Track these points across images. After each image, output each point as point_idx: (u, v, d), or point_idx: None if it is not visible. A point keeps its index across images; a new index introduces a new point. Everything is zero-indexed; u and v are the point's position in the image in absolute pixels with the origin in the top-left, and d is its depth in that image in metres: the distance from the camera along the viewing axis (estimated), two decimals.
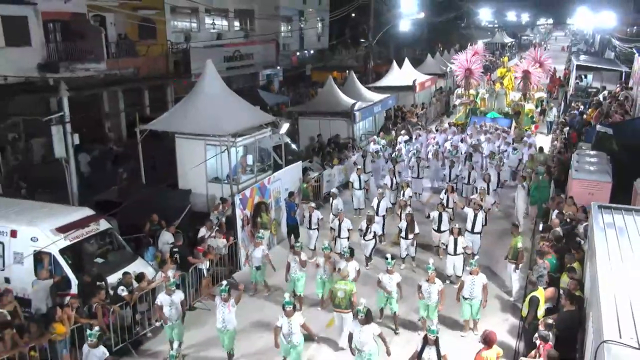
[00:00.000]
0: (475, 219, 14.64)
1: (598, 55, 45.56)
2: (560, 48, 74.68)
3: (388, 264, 11.83)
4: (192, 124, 15.98)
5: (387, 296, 11.83)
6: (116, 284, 11.81)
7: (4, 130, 21.47)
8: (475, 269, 11.46)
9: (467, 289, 11.44)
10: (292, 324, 10.01)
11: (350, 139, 25.11)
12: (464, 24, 69.49)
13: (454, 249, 13.62)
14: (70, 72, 22.94)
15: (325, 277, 12.82)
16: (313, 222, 15.82)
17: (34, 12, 22.72)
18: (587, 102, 30.81)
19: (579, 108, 29.49)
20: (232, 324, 10.65)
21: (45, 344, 10.31)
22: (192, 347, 11.77)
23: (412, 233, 14.72)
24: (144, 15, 28.49)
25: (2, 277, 12.24)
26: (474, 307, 11.57)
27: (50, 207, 13.63)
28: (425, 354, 8.81)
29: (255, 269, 13.60)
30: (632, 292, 7.32)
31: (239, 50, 33.63)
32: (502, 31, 74.88)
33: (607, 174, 15.51)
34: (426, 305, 11.56)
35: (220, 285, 10.89)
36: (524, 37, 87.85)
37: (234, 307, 10.56)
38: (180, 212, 14.98)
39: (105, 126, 26.90)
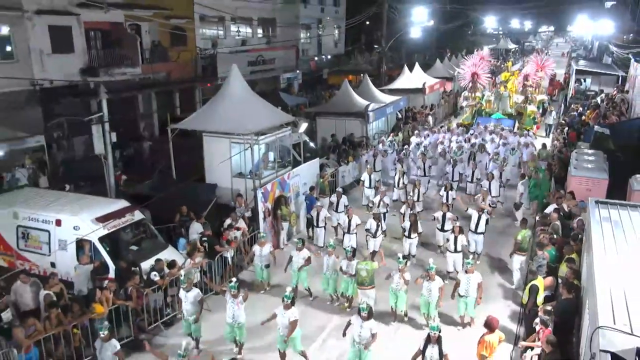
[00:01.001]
0: (478, 220, 14.27)
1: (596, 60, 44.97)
2: (560, 54, 73.50)
3: (400, 263, 11.55)
4: (218, 123, 16.01)
5: (397, 294, 11.57)
6: (149, 269, 11.91)
7: (50, 129, 21.67)
8: (471, 268, 11.19)
9: (463, 286, 11.17)
10: (284, 317, 9.78)
11: (364, 137, 25.05)
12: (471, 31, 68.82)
13: (454, 247, 13.29)
14: (109, 76, 23.19)
15: (329, 273, 12.45)
16: (320, 220, 15.49)
17: (77, 22, 23.05)
18: (585, 104, 30.51)
19: (578, 110, 29.18)
20: (242, 318, 10.45)
21: (86, 322, 10.47)
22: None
23: (416, 232, 14.33)
24: (176, 24, 28.61)
25: (48, 262, 12.44)
26: (469, 304, 11.30)
27: (91, 199, 13.78)
28: (428, 352, 8.57)
29: (264, 267, 13.17)
30: (626, 281, 7.27)
31: (261, 55, 33.69)
32: (507, 38, 73.86)
33: (604, 172, 15.35)
34: (427, 302, 11.30)
35: (230, 282, 10.61)
36: (527, 43, 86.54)
37: (242, 304, 10.37)
38: (207, 205, 15.03)
39: (140, 125, 27.11)
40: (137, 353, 10.71)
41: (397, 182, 18.87)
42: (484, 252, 14.92)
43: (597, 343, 5.97)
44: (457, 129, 27.04)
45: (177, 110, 27.61)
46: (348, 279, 12.13)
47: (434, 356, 8.47)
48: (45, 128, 21.19)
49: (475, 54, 36.86)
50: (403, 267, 11.45)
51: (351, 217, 14.69)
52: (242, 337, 10.71)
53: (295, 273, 12.64)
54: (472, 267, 11.19)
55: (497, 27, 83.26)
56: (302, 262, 12.45)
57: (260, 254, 13.05)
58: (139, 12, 25.35)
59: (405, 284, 11.35)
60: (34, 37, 21.63)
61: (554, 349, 8.55)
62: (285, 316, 9.71)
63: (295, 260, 12.59)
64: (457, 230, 13.26)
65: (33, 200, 13.35)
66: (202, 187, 16.28)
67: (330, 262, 12.36)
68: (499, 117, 29.31)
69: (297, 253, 12.61)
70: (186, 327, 11.03)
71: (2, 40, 21.21)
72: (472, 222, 14.41)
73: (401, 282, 11.36)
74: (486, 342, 9.46)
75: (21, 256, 12.84)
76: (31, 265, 12.66)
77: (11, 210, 12.90)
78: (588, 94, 34.67)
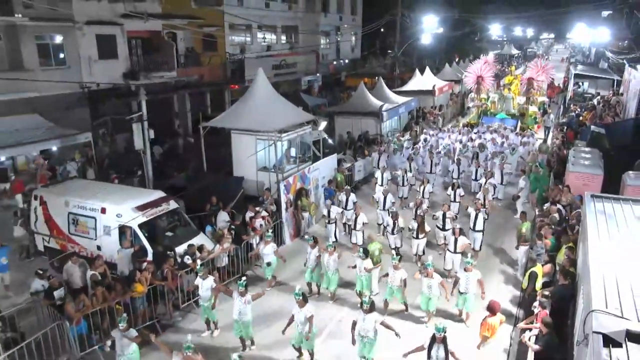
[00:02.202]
0: (476, 219, 13.70)
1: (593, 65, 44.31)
2: (560, 59, 72.23)
3: (393, 259, 10.98)
4: (245, 121, 16.00)
5: (393, 289, 11.03)
6: (182, 253, 11.96)
7: (96, 127, 21.98)
8: (469, 266, 10.56)
9: (462, 284, 10.59)
10: (300, 314, 9.24)
11: (378, 135, 24.98)
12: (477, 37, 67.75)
13: (454, 248, 12.65)
14: (148, 79, 23.44)
15: (330, 272, 11.76)
16: (331, 216, 14.74)
17: (120, 31, 23.38)
18: (583, 106, 30.12)
19: (576, 111, 28.76)
20: (248, 316, 9.86)
21: (128, 299, 10.59)
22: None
23: (423, 232, 13.54)
24: (208, 32, 28.76)
25: (95, 245, 12.57)
26: (467, 301, 10.71)
27: (131, 190, 14.02)
28: (434, 351, 8.12)
29: (266, 265, 12.49)
30: (618, 269, 7.16)
31: (285, 59, 33.72)
32: (510, 44, 72.92)
33: (599, 168, 15.11)
34: (427, 298, 10.78)
35: (239, 280, 10.12)
36: (529, 49, 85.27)
37: (249, 303, 9.76)
38: (235, 196, 15.09)
39: (175, 123, 27.37)
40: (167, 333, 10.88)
41: (402, 180, 18.01)
42: (486, 242, 14.46)
43: (590, 325, 5.90)
44: (462, 129, 26.74)
45: (208, 110, 27.81)
46: (362, 276, 11.48)
47: (439, 355, 8.06)
48: (92, 126, 21.52)
49: (480, 58, 36.45)
50: (397, 264, 10.87)
51: (358, 215, 14.09)
52: (249, 334, 10.14)
53: (309, 270, 12.06)
54: (471, 266, 10.59)
55: (501, 34, 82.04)
56: (314, 261, 11.88)
57: (264, 253, 12.40)
58: (175, 22, 25.53)
59: (401, 283, 10.86)
60: (84, 45, 22.03)
61: (550, 330, 8.49)
62: (302, 313, 9.19)
63: (309, 257, 12.01)
64: (457, 232, 12.60)
65: (82, 190, 13.49)
66: (230, 179, 16.34)
67: (330, 261, 11.67)
68: (502, 117, 29.01)
69: (310, 250, 11.99)
70: (204, 312, 10.73)
71: (56, 48, 21.58)
72: (470, 221, 13.93)
73: (395, 278, 10.85)
74: (488, 324, 9.43)
75: (71, 240, 13.00)
76: (80, 248, 12.81)
77: (63, 199, 13.05)
78: (585, 96, 34.26)
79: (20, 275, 12.81)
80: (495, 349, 9.85)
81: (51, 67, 21.03)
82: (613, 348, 5.48)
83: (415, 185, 18.00)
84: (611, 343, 5.54)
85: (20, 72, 19.20)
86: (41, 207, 13.41)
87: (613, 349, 5.47)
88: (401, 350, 8.93)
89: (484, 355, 9.65)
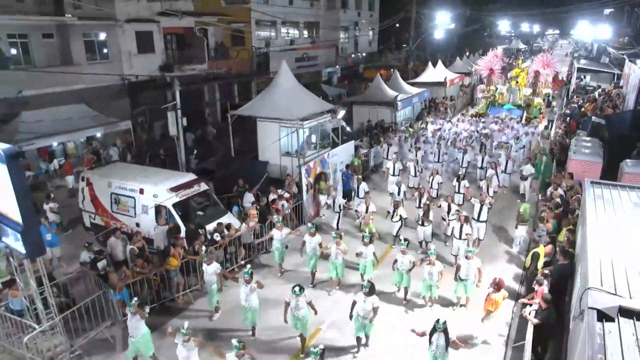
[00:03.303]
0: (481, 209, 13.10)
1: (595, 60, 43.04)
2: (564, 54, 70.12)
3: (402, 245, 10.66)
4: (270, 110, 15.97)
5: (402, 273, 10.69)
6: (212, 231, 12.03)
7: (135, 115, 22.26)
8: (471, 254, 10.22)
9: (463, 271, 10.26)
10: (366, 304, 8.76)
11: (393, 123, 24.78)
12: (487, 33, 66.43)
13: (459, 234, 12.17)
14: (181, 71, 23.61)
15: (336, 261, 11.14)
16: (336, 205, 14.58)
17: (157, 27, 23.53)
18: (585, 98, 29.35)
19: (578, 102, 28.05)
20: (254, 303, 9.41)
21: (163, 271, 10.80)
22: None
23: (427, 220, 13.05)
24: (236, 27, 28.74)
25: (134, 223, 12.77)
26: (468, 287, 10.35)
27: (166, 172, 14.03)
28: (434, 338, 7.94)
29: (284, 249, 12.06)
30: (614, 250, 7.07)
31: (306, 53, 33.53)
32: (518, 39, 71.29)
33: (598, 156, 14.80)
34: (429, 285, 10.44)
35: (245, 269, 9.61)
36: (535, 44, 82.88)
37: (254, 291, 9.32)
38: (260, 179, 15.11)
39: (205, 112, 27.53)
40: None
41: (414, 171, 17.32)
42: (491, 224, 14.19)
43: (586, 301, 5.86)
44: (471, 119, 26.30)
45: (236, 99, 27.90)
46: (364, 262, 11.11)
47: (440, 343, 7.86)
48: (131, 114, 21.80)
49: (490, 52, 35.73)
50: (404, 249, 10.55)
51: (368, 204, 13.52)
52: (255, 319, 9.66)
53: (310, 257, 11.52)
54: (472, 254, 10.26)
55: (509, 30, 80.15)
56: (317, 247, 11.39)
57: (279, 238, 11.92)
58: (206, 19, 25.58)
59: (410, 265, 10.54)
60: (124, 41, 22.24)
61: (549, 306, 8.44)
62: (368, 301, 8.69)
63: (309, 244, 11.43)
64: (463, 219, 12.17)
65: (122, 173, 13.64)
66: (255, 163, 16.35)
67: (336, 250, 11.07)
68: (509, 108, 28.51)
69: (311, 238, 11.43)
70: (210, 296, 10.42)
71: (100, 44, 21.86)
72: (474, 211, 13.29)
73: (405, 263, 10.54)
74: (492, 300, 9.39)
75: (114, 217, 13.21)
76: (121, 224, 13.00)
77: (106, 181, 13.25)
78: (587, 88, 33.50)
79: (71, 248, 13.19)
80: (498, 322, 9.82)
81: (96, 62, 21.35)
82: (606, 322, 5.46)
83: (425, 176, 17.36)
84: (604, 318, 5.51)
85: (70, 66, 19.57)
86: (87, 187, 13.65)
87: (606, 323, 5.44)
88: (401, 337, 8.98)
89: (487, 327, 9.64)
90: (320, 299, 10.55)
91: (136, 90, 22.43)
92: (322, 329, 10.02)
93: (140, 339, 8.42)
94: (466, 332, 9.74)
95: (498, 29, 70.79)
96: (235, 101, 26.66)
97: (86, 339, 9.30)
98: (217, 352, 7.97)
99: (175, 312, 10.71)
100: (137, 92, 22.49)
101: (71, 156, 20.04)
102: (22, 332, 8.97)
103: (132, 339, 8.44)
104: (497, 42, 64.04)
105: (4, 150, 7.09)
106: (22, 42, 19.26)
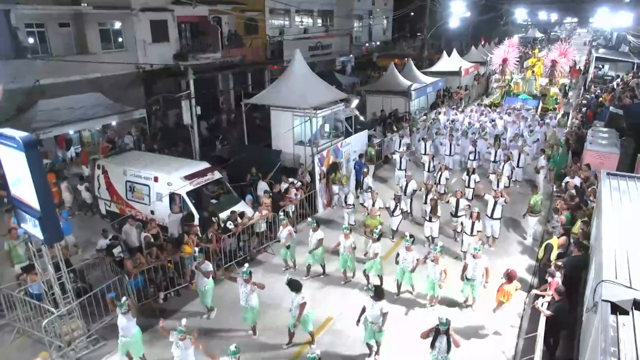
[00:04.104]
0: (494, 206, 12.54)
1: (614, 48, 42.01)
2: (582, 42, 68.53)
3: (407, 241, 10.25)
4: (283, 99, 15.93)
5: (405, 270, 10.33)
6: (225, 219, 12.12)
7: (150, 103, 22.37)
8: (478, 253, 9.76)
9: (470, 270, 9.83)
10: (374, 309, 8.40)
11: (407, 112, 24.59)
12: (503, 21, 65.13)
13: (470, 230, 11.80)
14: (195, 60, 23.60)
15: (346, 254, 10.87)
16: (348, 202, 14.03)
17: (172, 16, 23.55)
18: (602, 88, 28.69)
19: (595, 92, 27.47)
20: (253, 302, 9.05)
21: (177, 258, 10.90)
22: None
23: (435, 216, 12.62)
24: (249, 16, 28.63)
25: (149, 210, 12.92)
26: (475, 287, 9.96)
27: (180, 161, 14.12)
28: (438, 341, 7.57)
29: (285, 248, 11.59)
30: (629, 243, 6.96)
31: (320, 41, 33.38)
32: (534, 28, 69.67)
33: (615, 147, 14.52)
34: (432, 283, 10.06)
35: (243, 268, 9.21)
36: (552, 33, 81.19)
37: (254, 291, 8.96)
38: (273, 167, 15.11)
39: (219, 100, 27.60)
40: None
41: (427, 167, 16.65)
42: (505, 215, 13.52)
43: (600, 294, 5.79)
44: (484, 109, 25.82)
45: (250, 88, 27.90)
46: (371, 260, 10.68)
47: (442, 346, 7.53)
48: (146, 103, 21.92)
49: (506, 41, 35.11)
50: (409, 246, 10.19)
51: (375, 200, 13.01)
52: (255, 319, 9.34)
53: (310, 253, 11.23)
54: (479, 253, 9.79)
55: (526, 18, 78.40)
56: (315, 244, 11.04)
57: (280, 236, 11.62)
58: (220, 7, 25.47)
59: (414, 263, 10.18)
60: (139, 30, 22.30)
61: (562, 297, 8.38)
62: (376, 307, 8.30)
63: (310, 240, 11.18)
64: (475, 215, 11.73)
65: (137, 161, 13.77)
66: (269, 152, 16.38)
67: (347, 244, 10.79)
68: (525, 98, 28.04)
69: (312, 233, 11.13)
70: (203, 296, 10.00)
71: (115, 33, 21.96)
72: (488, 208, 12.71)
73: (408, 260, 10.19)
74: (504, 291, 9.34)
75: (129, 205, 13.38)
76: (136, 212, 13.18)
77: (122, 169, 13.40)
78: (605, 78, 32.79)
79: (87, 234, 13.40)
80: (510, 313, 9.77)
81: (111, 50, 21.45)
82: (620, 315, 5.39)
83: (434, 171, 16.39)
84: (618, 311, 5.44)
85: (85, 55, 19.74)
86: (103, 175, 13.84)
87: (620, 316, 5.38)
88: (405, 337, 8.72)
89: (498, 318, 9.60)
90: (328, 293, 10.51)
91: (151, 78, 22.54)
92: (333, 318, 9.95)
93: (131, 339, 8.18)
94: (477, 323, 9.71)
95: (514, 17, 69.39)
96: (248, 90, 26.64)
97: (102, 324, 9.47)
98: (209, 355, 7.47)
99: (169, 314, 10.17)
100: (151, 80, 22.60)
101: (87, 145, 20.30)
102: (40, 316, 9.18)
103: (123, 338, 8.18)
104: (513, 31, 62.97)
105: (22, 139, 7.21)
106: (39, 31, 19.43)
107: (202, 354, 7.54)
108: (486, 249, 12.33)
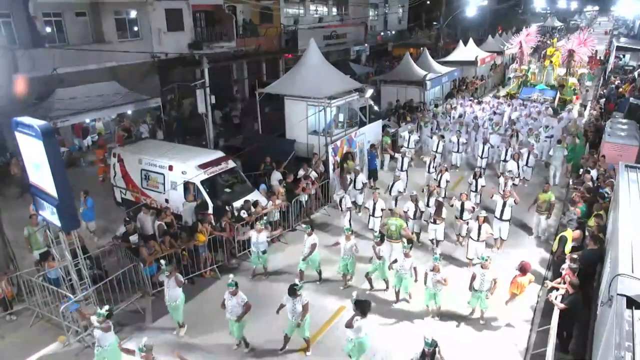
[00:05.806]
0: (504, 207, 11.99)
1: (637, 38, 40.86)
2: (603, 32, 66.85)
3: (405, 247, 9.83)
4: (297, 88, 15.82)
5: (402, 277, 9.81)
6: (239, 208, 12.16)
7: (165, 92, 22.48)
8: (486, 263, 9.12)
9: (478, 281, 9.21)
10: (295, 304, 8.16)
11: (422, 103, 24.36)
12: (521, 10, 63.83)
13: (477, 235, 11.16)
14: (210, 49, 23.56)
15: (346, 256, 10.39)
16: (344, 206, 13.08)
17: (187, 5, 23.53)
18: (623, 78, 28.00)
19: (615, 82, 26.82)
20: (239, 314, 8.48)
21: (191, 247, 11.00)
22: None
23: (439, 218, 12.01)
24: (264, 5, 28.54)
25: (163, 199, 13.01)
26: (482, 300, 9.33)
27: (195, 149, 14.18)
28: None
29: (261, 253, 10.86)
30: None
31: (335, 31, 33.07)
32: (554, 16, 68.16)
33: (635, 139, 14.22)
34: (432, 294, 9.45)
35: (228, 279, 8.46)
36: (572, 22, 79.34)
37: (240, 305, 8.33)
38: (287, 157, 15.10)
39: (234, 89, 27.64)
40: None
41: (427, 168, 16.00)
42: (517, 209, 12.77)
43: (615, 287, 5.73)
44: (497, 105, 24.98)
45: (264, 77, 27.86)
46: (376, 263, 10.20)
47: None
48: (161, 92, 22.00)
49: (523, 30, 34.45)
50: (407, 252, 9.72)
51: (376, 201, 12.50)
52: (241, 334, 8.72)
53: (303, 261, 10.59)
54: (487, 262, 9.15)
55: (545, 6, 76.56)
56: (309, 248, 10.43)
57: (257, 241, 10.79)
58: None
59: (411, 270, 9.73)
60: (154, 19, 22.33)
61: (576, 291, 8.30)
62: (296, 302, 8.10)
63: (304, 244, 10.59)
64: (482, 220, 11.08)
65: (152, 150, 13.85)
66: (283, 141, 16.33)
67: (347, 246, 10.30)
68: (542, 88, 27.51)
69: (307, 238, 10.54)
70: (173, 311, 9.26)
71: (131, 22, 22.05)
72: (497, 210, 12.18)
73: (405, 267, 9.70)
74: (518, 283, 9.29)
75: (144, 193, 13.49)
76: (151, 200, 13.29)
77: (137, 157, 13.49)
78: (626, 68, 31.95)
79: (102, 222, 13.60)
80: (523, 306, 9.70)
81: (127, 40, 21.57)
82: (635, 310, 5.33)
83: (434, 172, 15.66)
84: (634, 305, 5.39)
85: (101, 44, 19.92)
86: (119, 164, 13.96)
87: (635, 311, 5.32)
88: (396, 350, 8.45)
89: (512, 310, 9.55)
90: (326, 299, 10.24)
91: (166, 67, 22.64)
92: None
93: (107, 348, 7.82)
94: (489, 315, 9.65)
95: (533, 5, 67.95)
96: (263, 79, 26.58)
97: (117, 310, 9.62)
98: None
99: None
100: (166, 69, 22.71)
101: (101, 135, 20.52)
102: (58, 301, 9.39)
103: (100, 348, 7.81)
104: (531, 20, 61.63)
105: (40, 127, 7.31)
106: (57, 20, 19.62)
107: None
108: (492, 252, 11.78)
